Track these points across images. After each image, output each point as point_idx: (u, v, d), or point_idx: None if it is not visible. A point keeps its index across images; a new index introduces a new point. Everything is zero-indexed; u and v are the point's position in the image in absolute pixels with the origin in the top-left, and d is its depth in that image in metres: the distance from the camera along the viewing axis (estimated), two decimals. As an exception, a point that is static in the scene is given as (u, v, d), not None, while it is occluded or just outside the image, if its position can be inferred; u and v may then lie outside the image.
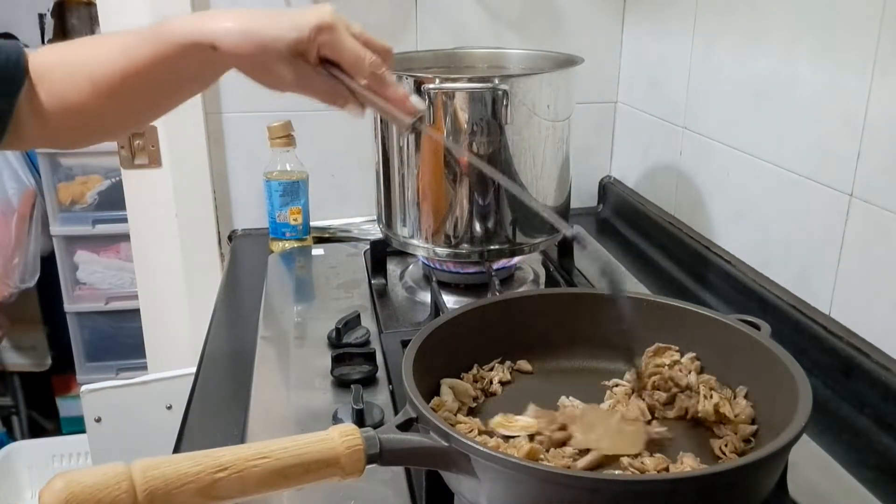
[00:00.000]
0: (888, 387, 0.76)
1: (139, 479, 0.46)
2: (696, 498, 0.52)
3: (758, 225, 1.02)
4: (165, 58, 0.66)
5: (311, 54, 0.65)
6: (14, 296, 2.22)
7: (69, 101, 0.69)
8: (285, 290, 1.11)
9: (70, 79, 0.69)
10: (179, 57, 0.65)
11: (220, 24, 0.64)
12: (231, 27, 0.64)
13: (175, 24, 0.66)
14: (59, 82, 0.69)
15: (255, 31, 0.63)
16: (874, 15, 0.78)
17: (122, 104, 0.70)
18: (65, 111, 0.69)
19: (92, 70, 0.68)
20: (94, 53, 0.69)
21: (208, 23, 0.65)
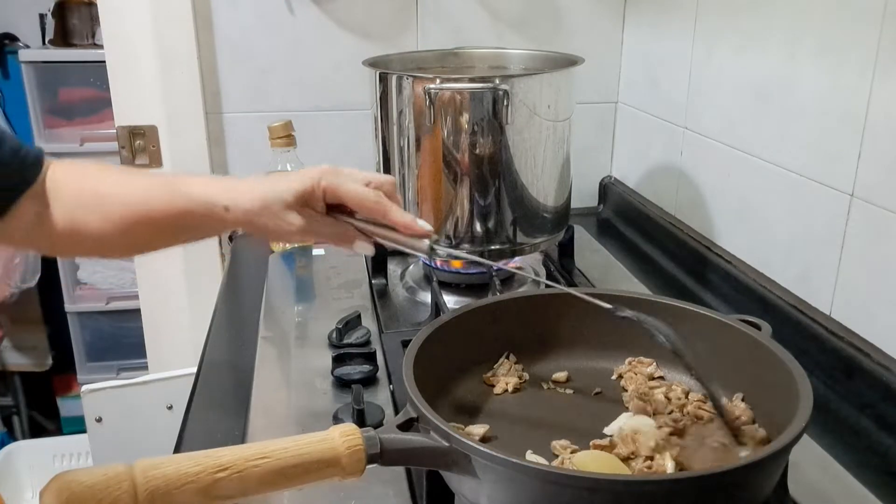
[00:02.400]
0: (889, 387, 0.76)
1: (140, 478, 0.46)
2: (696, 498, 0.52)
3: (758, 225, 1.01)
4: (179, 212, 0.70)
5: (316, 201, 0.69)
6: (15, 295, 2.22)
7: (77, 224, 0.72)
8: (286, 291, 1.11)
9: (82, 207, 0.72)
10: (191, 214, 0.70)
11: (230, 189, 0.69)
12: (244, 189, 0.69)
13: (193, 183, 0.70)
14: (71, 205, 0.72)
15: (265, 189, 0.69)
16: (875, 15, 0.78)
17: (127, 241, 0.74)
18: (70, 232, 0.72)
19: (105, 207, 0.71)
20: (112, 191, 0.72)
21: (223, 187, 0.70)
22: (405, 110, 0.99)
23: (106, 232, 0.71)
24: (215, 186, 0.70)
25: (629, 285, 1.11)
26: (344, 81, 1.34)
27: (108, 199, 0.71)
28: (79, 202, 0.71)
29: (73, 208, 0.71)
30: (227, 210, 0.68)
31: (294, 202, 0.68)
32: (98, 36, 2.13)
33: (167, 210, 0.70)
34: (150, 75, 1.28)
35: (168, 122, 1.31)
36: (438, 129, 0.98)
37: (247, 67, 1.32)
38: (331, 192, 0.69)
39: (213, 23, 1.29)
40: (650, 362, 0.76)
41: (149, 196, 0.71)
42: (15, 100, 2.25)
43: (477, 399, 0.73)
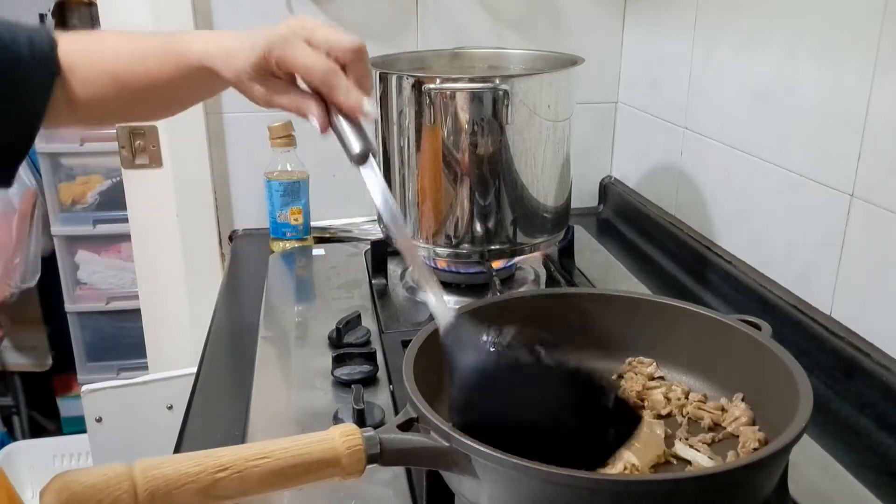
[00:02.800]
0: (889, 387, 0.76)
1: (140, 478, 0.46)
2: (696, 498, 0.52)
3: (758, 225, 1.01)
4: (180, 77, 0.72)
5: (274, 71, 0.67)
6: (15, 296, 2.22)
7: (94, 93, 0.73)
8: (286, 290, 1.11)
9: (94, 74, 0.73)
10: (191, 77, 0.71)
11: (217, 47, 0.69)
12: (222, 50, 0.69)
13: (185, 45, 0.70)
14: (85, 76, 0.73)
15: (234, 56, 0.68)
16: (875, 15, 0.78)
17: (143, 102, 0.76)
18: (91, 100, 0.74)
19: (113, 70, 0.73)
20: (115, 55, 0.74)
21: (210, 46, 0.70)
22: (405, 110, 0.99)
23: (119, 96, 0.73)
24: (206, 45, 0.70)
25: (629, 285, 1.11)
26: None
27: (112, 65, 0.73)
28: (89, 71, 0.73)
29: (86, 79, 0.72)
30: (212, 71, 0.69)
31: (255, 74, 0.67)
32: (98, 36, 2.13)
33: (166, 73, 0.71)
34: (150, 75, 1.28)
35: (168, 122, 1.31)
36: (438, 129, 0.98)
37: (247, 67, 1.32)
38: (281, 62, 0.66)
39: (214, 23, 1.29)
40: (650, 362, 0.76)
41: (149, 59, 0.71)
42: (15, 100, 2.25)
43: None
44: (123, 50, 0.74)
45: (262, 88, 0.68)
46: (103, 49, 0.75)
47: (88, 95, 0.73)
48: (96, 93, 0.73)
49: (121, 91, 0.73)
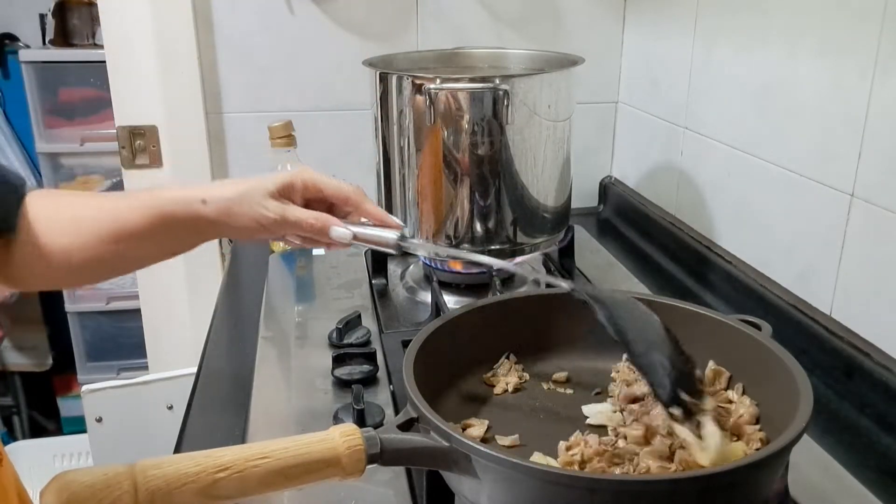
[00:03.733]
0: (889, 387, 0.76)
1: (140, 478, 0.46)
2: (696, 498, 0.52)
3: (759, 225, 1.01)
4: (153, 218, 0.69)
5: (296, 192, 0.71)
6: (15, 296, 2.22)
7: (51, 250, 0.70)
8: (286, 291, 1.11)
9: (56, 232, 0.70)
10: (167, 217, 0.69)
11: (210, 186, 0.71)
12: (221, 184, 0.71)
13: (167, 189, 0.70)
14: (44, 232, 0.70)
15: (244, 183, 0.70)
16: (875, 15, 0.78)
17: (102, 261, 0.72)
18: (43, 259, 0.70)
19: (79, 222, 0.70)
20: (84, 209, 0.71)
21: (199, 187, 0.70)
22: (405, 110, 0.99)
23: (79, 254, 0.69)
24: (192, 188, 0.70)
25: (629, 285, 1.11)
26: (344, 81, 1.34)
27: (81, 221, 0.70)
28: (53, 228, 0.70)
29: (47, 235, 0.69)
30: (204, 203, 0.68)
31: (276, 192, 0.69)
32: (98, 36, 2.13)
33: (142, 219, 0.68)
34: (150, 75, 1.29)
35: (168, 122, 1.31)
36: (438, 129, 0.98)
37: (247, 67, 1.32)
38: (311, 183, 0.71)
39: (213, 23, 1.29)
40: None
41: (122, 210, 0.69)
42: (15, 100, 2.26)
43: (477, 399, 0.73)
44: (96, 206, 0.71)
45: (279, 206, 0.69)
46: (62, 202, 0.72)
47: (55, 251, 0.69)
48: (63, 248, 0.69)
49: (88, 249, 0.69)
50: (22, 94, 2.15)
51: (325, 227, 0.70)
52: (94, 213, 0.70)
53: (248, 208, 0.68)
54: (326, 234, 0.70)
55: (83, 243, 0.69)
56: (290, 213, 0.69)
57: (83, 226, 0.70)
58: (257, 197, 0.68)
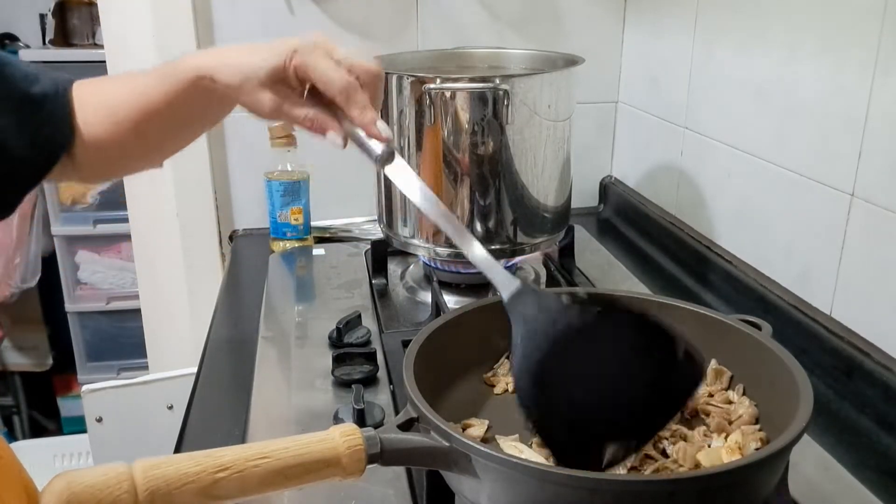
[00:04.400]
0: (889, 387, 0.76)
1: (140, 478, 0.46)
2: (696, 498, 0.52)
3: (759, 225, 1.01)
4: (176, 94, 0.69)
5: (290, 79, 0.66)
6: (15, 296, 2.22)
7: (92, 135, 0.73)
8: (286, 290, 1.11)
9: (94, 114, 0.73)
10: (188, 92, 0.69)
11: (216, 59, 0.68)
12: (224, 60, 0.68)
13: (182, 61, 0.69)
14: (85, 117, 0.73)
15: (240, 62, 0.67)
16: (876, 14, 0.78)
17: (138, 141, 0.74)
18: (89, 145, 0.73)
19: (111, 108, 0.72)
20: (113, 92, 0.74)
21: (208, 58, 0.69)
22: (405, 110, 0.99)
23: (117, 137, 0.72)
24: (205, 58, 0.68)
25: (629, 285, 1.11)
26: (344, 81, 1.34)
27: (110, 102, 0.72)
28: (90, 113, 0.72)
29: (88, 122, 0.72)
30: (213, 81, 0.67)
31: (267, 79, 0.65)
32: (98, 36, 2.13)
33: (163, 94, 0.69)
34: (150, 75, 1.28)
35: (168, 122, 1.31)
36: (439, 128, 0.98)
37: (247, 67, 1.32)
38: (301, 70, 0.65)
39: (213, 23, 1.29)
40: None
41: (146, 86, 0.71)
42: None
43: (477, 399, 0.73)
44: (119, 83, 0.73)
45: (272, 97, 0.66)
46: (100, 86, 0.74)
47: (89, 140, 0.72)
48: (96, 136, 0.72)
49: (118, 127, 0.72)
50: (22, 94, 2.15)
51: (321, 130, 0.68)
52: (126, 96, 0.72)
53: (247, 97, 0.67)
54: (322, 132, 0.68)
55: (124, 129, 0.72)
56: (286, 109, 0.67)
57: (120, 113, 0.72)
58: (253, 87, 0.66)
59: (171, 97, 0.70)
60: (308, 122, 0.68)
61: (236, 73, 0.66)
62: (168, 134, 0.76)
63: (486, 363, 0.76)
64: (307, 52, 0.65)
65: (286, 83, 0.67)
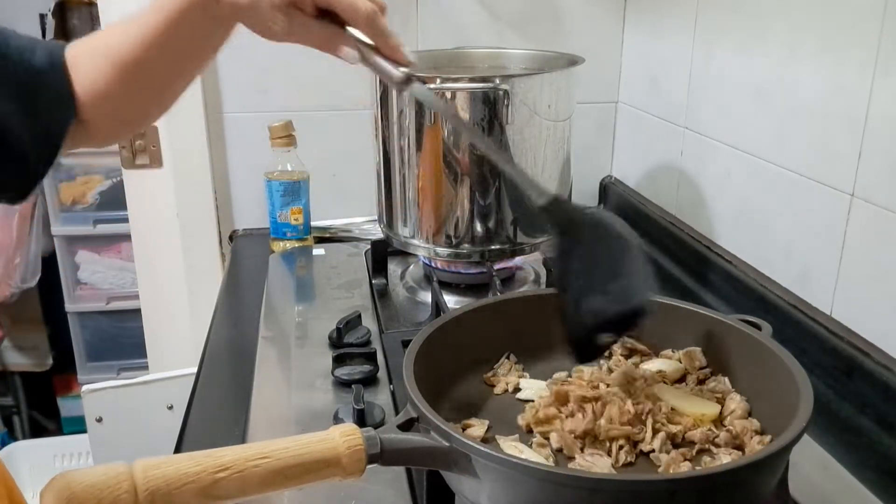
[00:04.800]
0: (889, 387, 0.76)
1: (140, 478, 0.46)
2: (696, 498, 0.52)
3: (759, 225, 1.01)
4: (174, 20, 0.68)
5: (306, 3, 0.66)
6: (15, 296, 2.22)
7: (96, 89, 0.71)
8: (286, 290, 1.11)
9: (94, 66, 0.71)
10: (186, 16, 0.68)
11: None
12: None
13: None
14: (84, 72, 0.71)
15: None
16: (876, 14, 0.78)
17: (144, 81, 0.73)
18: (94, 100, 0.72)
19: (111, 53, 0.71)
20: (110, 37, 0.72)
21: None
22: (405, 110, 0.99)
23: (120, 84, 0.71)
24: None
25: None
26: (344, 81, 1.34)
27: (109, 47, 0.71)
28: (88, 65, 0.71)
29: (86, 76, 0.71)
30: (217, 2, 0.66)
31: (282, 3, 0.65)
32: (98, 36, 2.13)
33: (163, 25, 0.68)
34: (150, 75, 1.28)
35: (168, 122, 1.31)
36: (438, 129, 0.98)
37: (247, 67, 1.32)
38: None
39: (214, 23, 1.29)
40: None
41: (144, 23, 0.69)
42: (15, 100, 2.25)
43: (477, 399, 0.73)
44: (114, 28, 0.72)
45: (284, 18, 0.66)
46: (100, 36, 0.73)
47: (90, 93, 0.71)
48: (97, 87, 0.71)
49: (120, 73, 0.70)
50: (22, 94, 2.15)
51: (334, 48, 0.68)
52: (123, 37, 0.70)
53: (257, 16, 0.66)
54: (335, 51, 0.68)
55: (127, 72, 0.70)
56: (298, 29, 0.67)
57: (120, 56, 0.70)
58: (264, 8, 0.65)
59: (171, 24, 0.68)
60: (323, 40, 0.68)
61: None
62: (171, 66, 0.74)
63: (486, 363, 0.76)
64: None
65: (297, 6, 0.66)
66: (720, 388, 0.70)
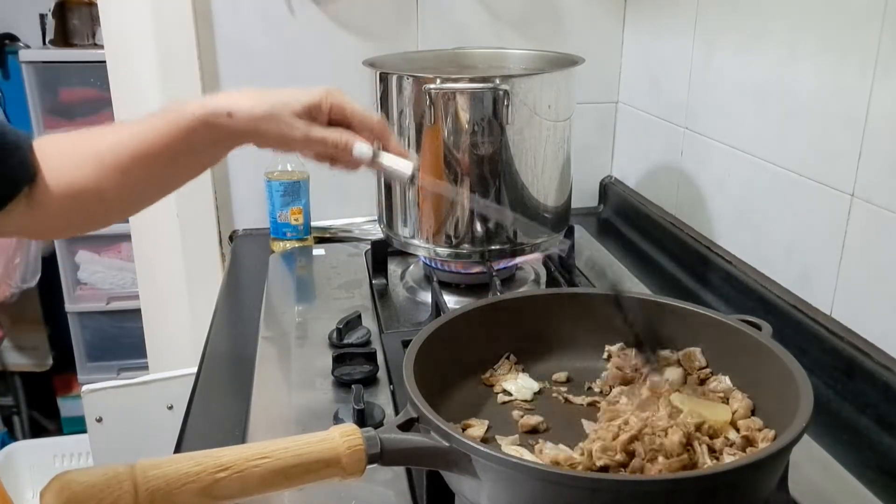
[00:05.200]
0: (889, 387, 0.76)
1: (140, 478, 0.46)
2: (696, 498, 0.52)
3: (759, 225, 1.01)
4: (179, 133, 0.68)
5: (322, 114, 0.71)
6: (15, 296, 2.22)
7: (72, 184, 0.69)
8: (286, 290, 1.11)
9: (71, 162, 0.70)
10: (193, 131, 0.68)
11: (230, 97, 0.70)
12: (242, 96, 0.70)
13: (189, 103, 0.69)
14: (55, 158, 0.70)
15: (271, 98, 0.70)
16: (876, 14, 0.78)
17: (128, 184, 0.71)
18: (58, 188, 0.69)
19: (99, 152, 0.69)
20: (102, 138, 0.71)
21: (223, 97, 0.70)
22: (405, 110, 0.99)
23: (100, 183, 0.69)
24: (215, 99, 0.69)
25: (629, 285, 1.11)
26: (344, 81, 1.33)
27: (98, 147, 0.70)
28: (68, 160, 0.70)
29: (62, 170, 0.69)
30: (230, 116, 0.68)
31: (302, 111, 0.69)
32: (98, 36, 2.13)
33: (165, 136, 0.68)
34: (150, 75, 1.28)
35: (168, 122, 1.31)
36: (439, 129, 0.98)
37: (247, 67, 1.32)
38: (337, 108, 0.71)
39: (213, 23, 1.29)
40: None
41: (143, 130, 0.69)
42: (15, 100, 2.26)
43: (477, 399, 0.73)
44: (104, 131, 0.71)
45: (304, 123, 0.69)
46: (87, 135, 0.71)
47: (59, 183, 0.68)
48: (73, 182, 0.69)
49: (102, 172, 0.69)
50: (22, 94, 2.15)
51: (349, 144, 0.71)
52: (114, 142, 0.70)
53: (275, 126, 0.69)
54: (349, 151, 0.71)
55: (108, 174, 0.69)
56: (315, 133, 0.70)
57: (107, 158, 0.69)
58: (285, 116, 0.69)
59: (174, 137, 0.69)
60: (338, 140, 0.71)
61: (262, 104, 0.68)
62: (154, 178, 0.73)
63: (487, 363, 0.76)
64: (340, 94, 0.72)
65: (313, 117, 0.70)
66: (721, 387, 0.70)
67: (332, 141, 0.70)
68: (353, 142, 0.71)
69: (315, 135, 0.70)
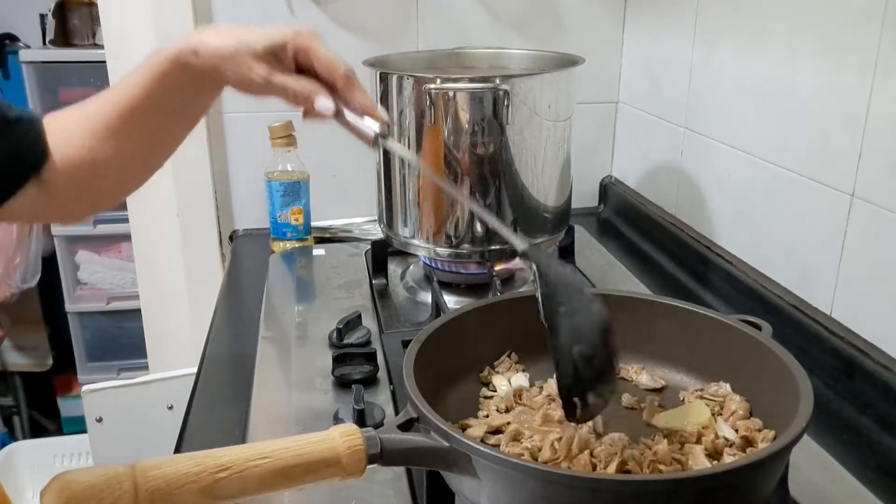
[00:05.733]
0: (889, 387, 0.76)
1: (140, 479, 0.46)
2: (696, 498, 0.52)
3: (759, 225, 1.01)
4: (153, 81, 0.68)
5: (286, 57, 0.67)
6: (15, 296, 2.22)
7: (70, 154, 0.70)
8: (286, 291, 1.11)
9: (71, 137, 0.70)
10: (168, 74, 0.67)
11: (198, 36, 0.67)
12: (213, 34, 0.67)
13: (162, 50, 0.68)
14: (60, 138, 0.71)
15: (230, 34, 0.67)
16: (876, 15, 0.78)
17: (121, 147, 0.71)
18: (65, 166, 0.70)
19: (88, 123, 0.70)
20: (88, 109, 0.71)
21: (196, 35, 0.68)
22: (405, 110, 0.99)
23: (100, 150, 0.69)
24: (189, 39, 0.67)
25: (629, 285, 1.11)
26: (344, 81, 1.34)
27: (88, 116, 0.70)
28: (64, 135, 0.70)
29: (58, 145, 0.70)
30: (196, 54, 0.66)
31: (263, 53, 0.66)
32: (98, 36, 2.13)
33: (143, 86, 0.68)
34: (150, 75, 1.28)
35: (168, 122, 1.31)
36: (439, 129, 0.98)
37: (247, 67, 1.31)
38: (303, 52, 0.67)
39: (214, 23, 1.29)
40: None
41: (125, 85, 0.69)
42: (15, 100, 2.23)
43: (477, 399, 0.73)
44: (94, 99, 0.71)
45: (265, 67, 0.66)
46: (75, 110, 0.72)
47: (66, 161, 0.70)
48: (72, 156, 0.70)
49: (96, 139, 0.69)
50: (22, 94, 2.15)
51: (311, 97, 0.67)
52: (102, 105, 0.70)
53: (236, 66, 0.66)
54: (311, 103, 0.68)
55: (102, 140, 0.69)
56: (276, 80, 0.67)
57: (98, 123, 0.69)
58: (245, 57, 0.66)
59: (148, 87, 0.68)
60: (299, 91, 0.68)
61: (228, 42, 0.66)
62: (145, 134, 0.72)
63: (486, 363, 0.76)
64: (309, 36, 0.67)
65: (279, 60, 0.67)
66: (721, 392, 0.70)
67: (293, 90, 0.67)
68: (315, 94, 0.67)
69: (276, 81, 0.67)
